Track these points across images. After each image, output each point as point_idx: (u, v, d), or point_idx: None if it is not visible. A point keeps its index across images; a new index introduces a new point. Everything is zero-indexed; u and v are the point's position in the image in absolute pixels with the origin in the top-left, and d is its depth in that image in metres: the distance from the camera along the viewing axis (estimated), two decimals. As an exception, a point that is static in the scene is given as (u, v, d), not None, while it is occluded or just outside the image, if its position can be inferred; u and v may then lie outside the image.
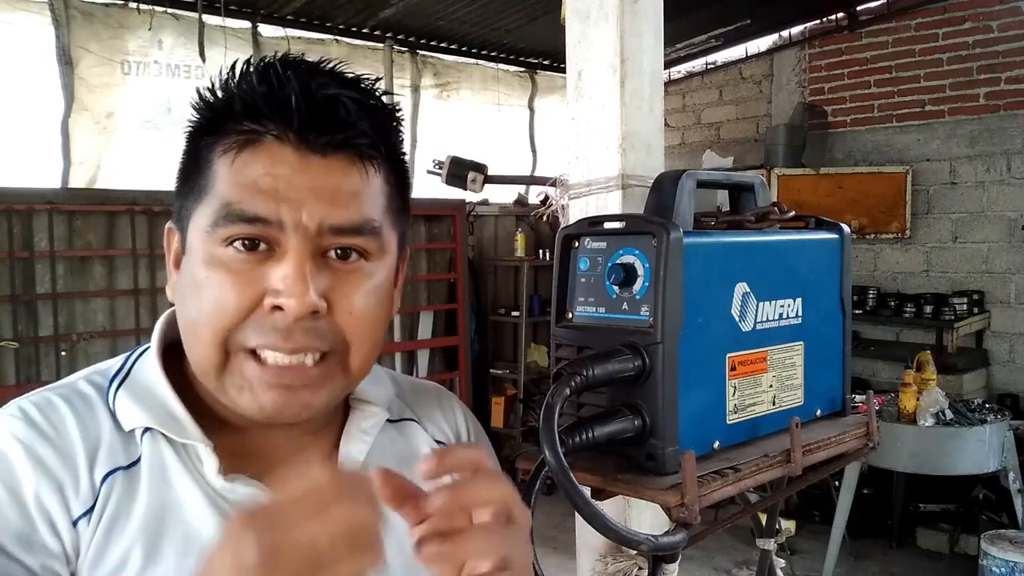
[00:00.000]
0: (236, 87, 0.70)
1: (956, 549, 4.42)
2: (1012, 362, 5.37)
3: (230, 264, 0.68)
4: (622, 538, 0.73)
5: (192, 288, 0.70)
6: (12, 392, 0.71)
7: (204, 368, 0.71)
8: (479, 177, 2.05)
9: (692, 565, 4.26)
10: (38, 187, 4.05)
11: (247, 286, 0.68)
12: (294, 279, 0.66)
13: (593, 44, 1.19)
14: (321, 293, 0.68)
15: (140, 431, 0.71)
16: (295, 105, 0.67)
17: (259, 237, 0.68)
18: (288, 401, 0.69)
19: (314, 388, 0.70)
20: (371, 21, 5.35)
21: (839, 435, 0.96)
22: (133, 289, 4.10)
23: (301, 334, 0.68)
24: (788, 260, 0.95)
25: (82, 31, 4.32)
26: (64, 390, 0.72)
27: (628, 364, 0.78)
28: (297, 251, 0.67)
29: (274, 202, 0.67)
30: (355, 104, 0.70)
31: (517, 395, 5.88)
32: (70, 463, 0.67)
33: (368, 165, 0.71)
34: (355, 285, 0.71)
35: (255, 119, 0.68)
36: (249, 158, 0.68)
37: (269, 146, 0.68)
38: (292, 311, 0.67)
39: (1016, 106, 5.26)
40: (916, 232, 5.69)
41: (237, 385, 0.70)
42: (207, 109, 0.71)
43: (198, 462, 0.71)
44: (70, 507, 0.66)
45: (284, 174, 0.67)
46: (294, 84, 0.68)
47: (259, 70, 0.69)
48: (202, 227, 0.69)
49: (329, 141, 0.68)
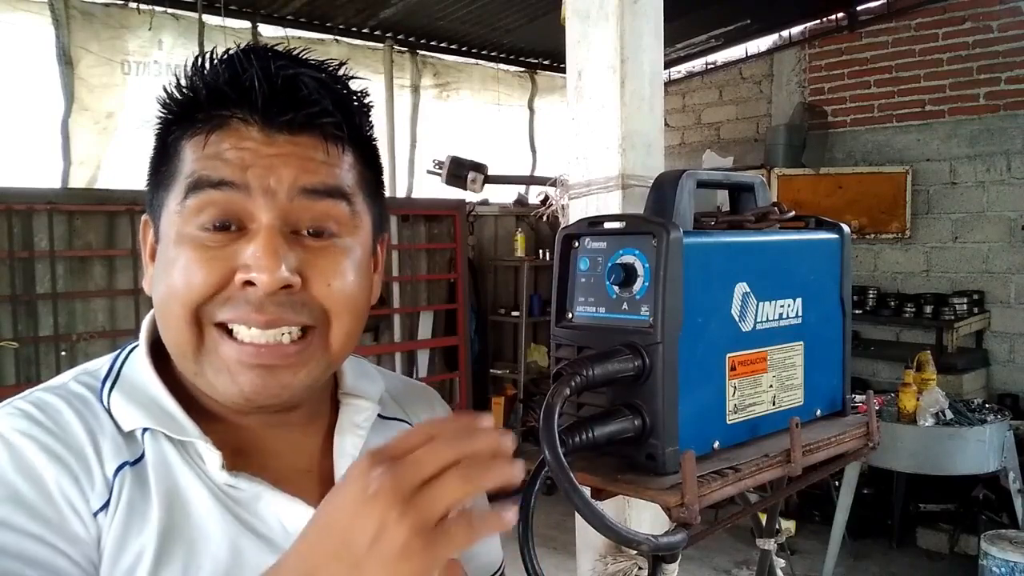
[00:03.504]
0: (200, 78, 0.70)
1: (956, 549, 4.42)
2: (1012, 362, 5.37)
3: (201, 240, 0.68)
4: (622, 538, 0.73)
5: (163, 269, 0.70)
6: (12, 392, 0.71)
7: (181, 349, 0.70)
8: (479, 177, 2.05)
9: (692, 565, 4.26)
10: (38, 187, 4.05)
11: (217, 261, 0.67)
12: (264, 252, 0.66)
13: (593, 44, 1.19)
14: (294, 269, 0.68)
15: (140, 431, 0.70)
16: (257, 86, 0.67)
17: (228, 210, 0.68)
18: (267, 382, 0.69)
19: (294, 368, 0.70)
20: (371, 21, 5.35)
21: (839, 435, 0.96)
22: (133, 289, 4.10)
23: (274, 307, 0.67)
24: (788, 260, 0.95)
25: (82, 31, 4.32)
26: (58, 390, 0.72)
27: (628, 364, 0.78)
28: (268, 227, 0.67)
29: (240, 168, 0.67)
30: (316, 83, 0.70)
31: (517, 395, 5.88)
32: (80, 457, 0.67)
33: (333, 145, 0.71)
34: (331, 259, 0.71)
35: (221, 105, 0.69)
36: (216, 139, 0.69)
37: (236, 128, 0.69)
38: (263, 285, 0.66)
39: (1016, 106, 5.26)
40: (916, 232, 5.69)
41: (215, 367, 0.69)
42: (174, 103, 0.71)
43: (199, 459, 0.71)
44: (89, 500, 0.65)
45: (250, 147, 0.68)
46: (256, 68, 0.68)
47: (223, 60, 0.70)
48: (172, 210, 0.70)
49: (292, 119, 0.69)
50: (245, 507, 0.71)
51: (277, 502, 0.72)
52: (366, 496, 0.51)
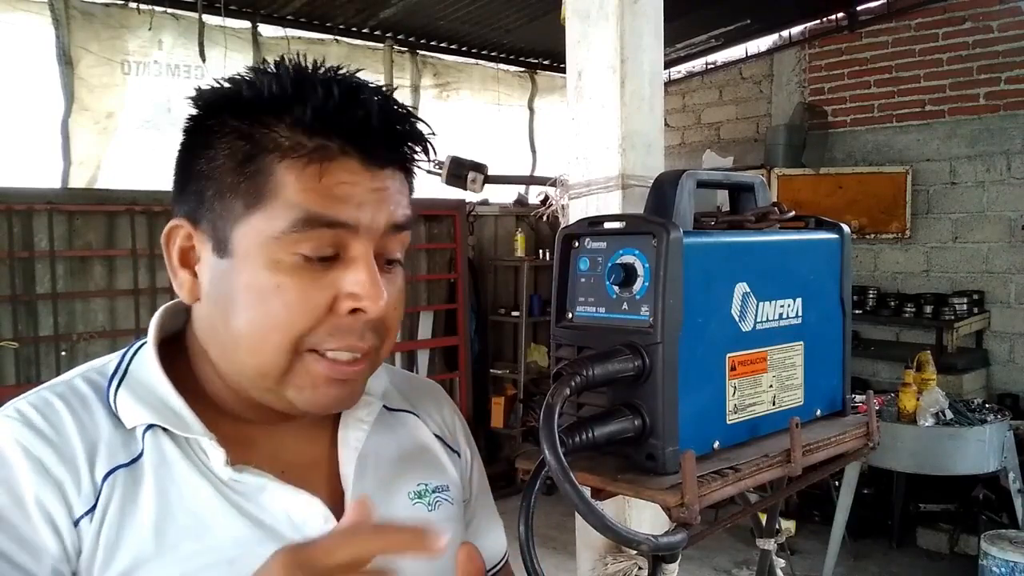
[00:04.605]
0: (296, 94, 0.69)
1: (956, 549, 4.42)
2: (1012, 362, 5.37)
3: (301, 270, 0.69)
4: (622, 538, 0.73)
5: (254, 294, 0.70)
6: (12, 392, 0.71)
7: (266, 371, 0.71)
8: (479, 177, 2.05)
9: (692, 565, 4.26)
10: (38, 187, 4.05)
11: (321, 291, 0.70)
12: (371, 283, 0.70)
13: (593, 44, 1.19)
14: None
15: (142, 428, 0.71)
16: (374, 123, 0.70)
17: (334, 243, 0.70)
18: (342, 394, 0.73)
19: (360, 380, 0.75)
20: (371, 21, 5.35)
21: (839, 435, 0.96)
22: (133, 289, 4.10)
23: (371, 335, 0.72)
24: (788, 260, 0.95)
25: (82, 31, 4.32)
26: (61, 388, 0.73)
27: (628, 364, 0.78)
28: (367, 255, 0.71)
29: (354, 208, 0.70)
30: (405, 118, 0.74)
31: (517, 395, 5.88)
32: (70, 463, 0.68)
33: (408, 173, 0.77)
34: (397, 286, 0.76)
35: (325, 133, 0.69)
36: (321, 169, 0.69)
37: (341, 161, 0.70)
38: (373, 313, 0.71)
39: (1016, 106, 5.26)
40: (916, 232, 5.69)
41: (298, 385, 0.72)
42: (261, 114, 0.70)
43: (202, 455, 0.72)
44: (72, 507, 0.67)
45: (361, 183, 0.70)
46: (371, 103, 0.70)
47: (323, 81, 0.70)
48: (264, 233, 0.69)
49: (392, 157, 0.73)
50: (250, 499, 0.72)
51: (282, 493, 0.73)
52: None
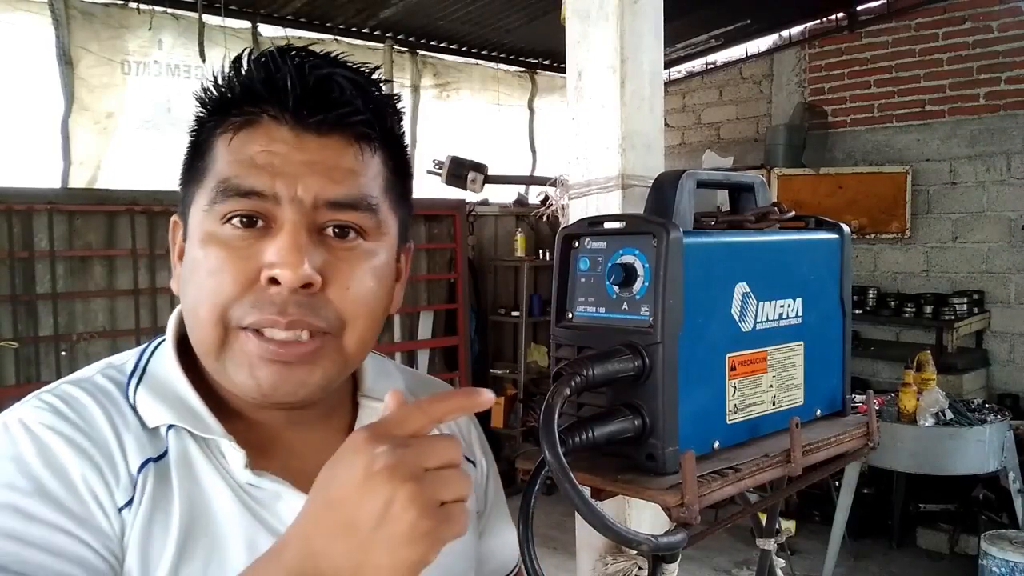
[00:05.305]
0: (236, 76, 0.71)
1: (956, 549, 4.42)
2: (1012, 362, 5.37)
3: (227, 241, 0.68)
4: (622, 538, 0.73)
5: (191, 270, 0.71)
6: (12, 392, 0.71)
7: (205, 348, 0.70)
8: (479, 177, 2.05)
9: (692, 565, 4.26)
10: (38, 187, 4.04)
11: (244, 261, 0.68)
12: (288, 250, 0.66)
13: (593, 44, 1.19)
14: (317, 268, 0.68)
15: (164, 427, 0.70)
16: (290, 85, 0.68)
17: (255, 212, 0.68)
18: (285, 378, 0.69)
19: (310, 365, 0.70)
20: (371, 21, 5.35)
21: (839, 435, 0.96)
22: (133, 289, 4.09)
23: (296, 308, 0.68)
24: (788, 260, 0.95)
25: (82, 31, 4.32)
26: (84, 384, 0.72)
27: (628, 364, 0.78)
28: (292, 224, 0.67)
29: (269, 176, 0.68)
30: (350, 84, 0.70)
31: (517, 395, 5.88)
32: (105, 451, 0.67)
33: (364, 146, 0.72)
34: (352, 263, 0.71)
35: (253, 102, 0.69)
36: (246, 137, 0.69)
37: (266, 126, 0.69)
38: (287, 281, 0.67)
39: (1016, 106, 5.26)
40: (916, 232, 5.69)
41: (236, 363, 0.69)
42: (209, 101, 0.72)
43: (221, 457, 0.71)
44: (114, 495, 0.66)
45: (280, 151, 0.68)
46: (289, 67, 0.69)
47: (258, 59, 0.71)
48: (201, 208, 0.70)
49: (324, 119, 0.69)
50: (265, 506, 0.71)
51: (297, 502, 0.72)
52: (371, 472, 0.50)
